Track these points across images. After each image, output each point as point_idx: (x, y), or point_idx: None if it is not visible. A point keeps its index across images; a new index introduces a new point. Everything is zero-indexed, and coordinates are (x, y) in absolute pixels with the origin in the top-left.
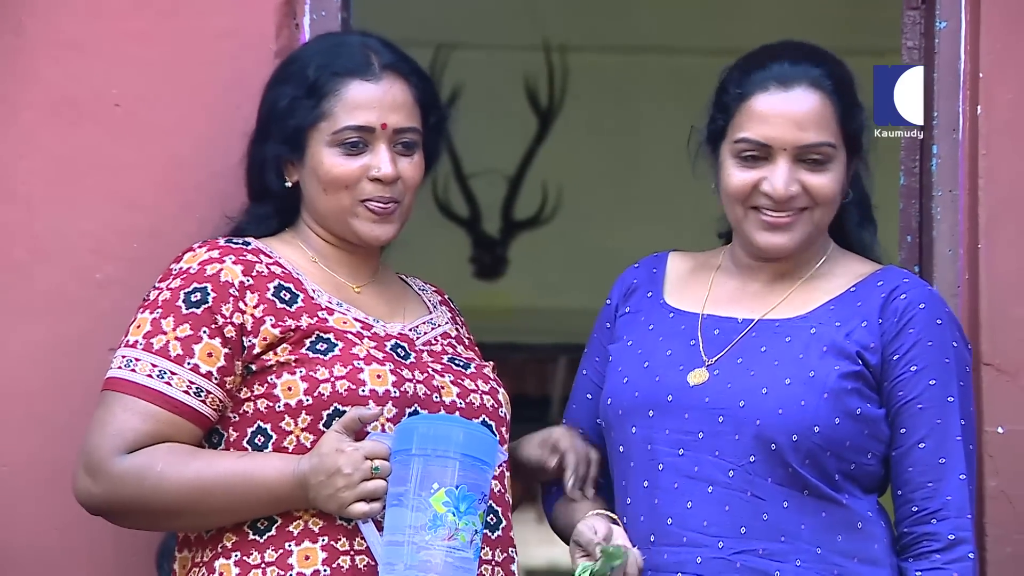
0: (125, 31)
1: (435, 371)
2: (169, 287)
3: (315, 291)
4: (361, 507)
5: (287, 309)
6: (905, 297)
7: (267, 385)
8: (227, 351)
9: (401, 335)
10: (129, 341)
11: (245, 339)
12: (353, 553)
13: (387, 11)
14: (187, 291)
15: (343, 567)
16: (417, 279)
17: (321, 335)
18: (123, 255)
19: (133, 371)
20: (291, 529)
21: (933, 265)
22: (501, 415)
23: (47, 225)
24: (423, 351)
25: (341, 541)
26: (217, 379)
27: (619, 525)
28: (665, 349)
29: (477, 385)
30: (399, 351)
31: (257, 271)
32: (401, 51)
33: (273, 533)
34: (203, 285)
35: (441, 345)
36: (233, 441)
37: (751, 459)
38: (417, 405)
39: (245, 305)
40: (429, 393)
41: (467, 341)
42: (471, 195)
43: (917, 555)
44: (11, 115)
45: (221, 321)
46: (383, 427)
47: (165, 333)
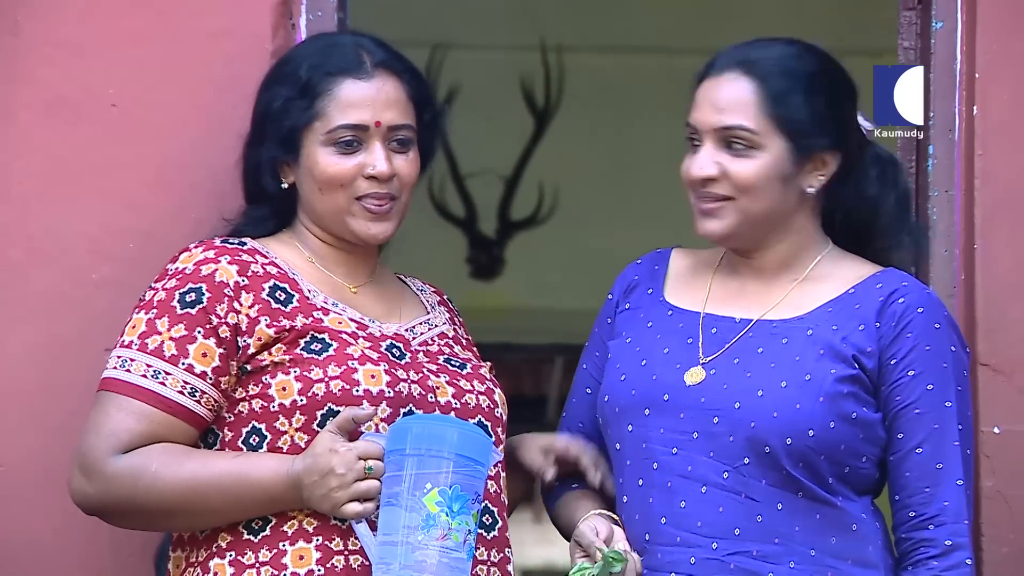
0: (121, 31)
1: (430, 371)
2: (164, 287)
3: (311, 291)
4: (354, 507)
5: (282, 309)
6: (903, 301)
7: (262, 385)
8: (222, 351)
9: (397, 335)
10: (124, 341)
11: (240, 339)
12: (347, 553)
13: (383, 11)
14: (182, 291)
15: (337, 567)
16: (416, 279)
17: (316, 335)
18: (119, 255)
19: (128, 371)
20: (285, 529)
21: (929, 265)
22: (497, 415)
23: (43, 225)
24: (419, 351)
25: (335, 541)
26: (212, 379)
27: (620, 526)
28: (663, 347)
29: (473, 385)
30: (394, 351)
31: (252, 271)
32: (394, 49)
33: (267, 533)
34: (198, 285)
35: (438, 345)
36: (228, 441)
37: (745, 461)
38: (412, 405)
39: (240, 305)
40: (424, 393)
41: (465, 341)
42: (467, 195)
43: (915, 562)
44: (7, 115)
45: (216, 321)
46: (378, 427)
47: (160, 333)
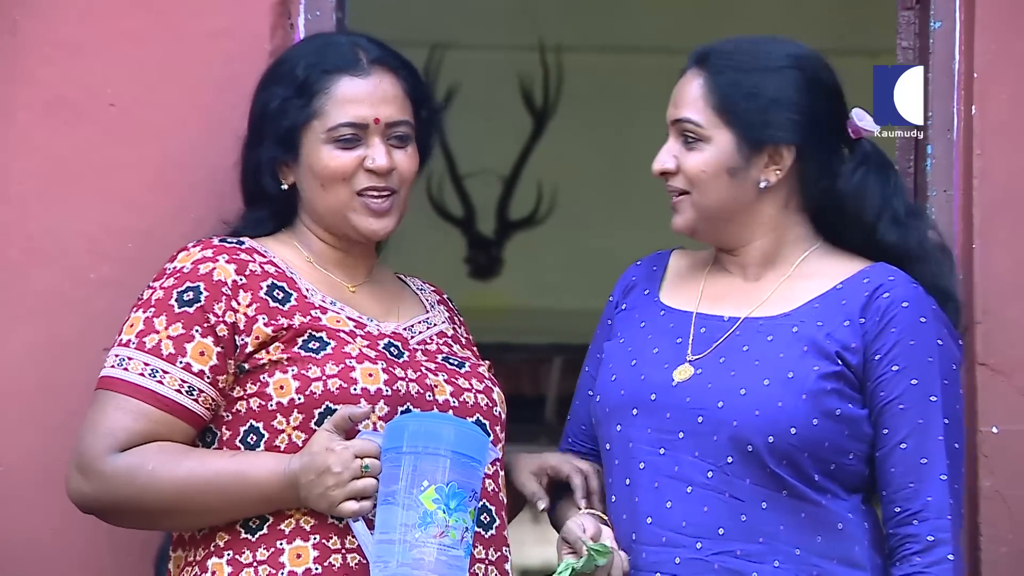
0: (120, 31)
1: (428, 370)
2: (163, 286)
3: (309, 290)
4: (351, 506)
5: (280, 308)
6: (888, 296)
7: (259, 384)
8: (219, 350)
9: (395, 334)
10: (122, 340)
11: (237, 338)
12: (345, 551)
13: (382, 11)
14: (180, 290)
15: (334, 565)
16: (416, 279)
17: (314, 334)
18: (118, 255)
19: (126, 370)
20: (283, 528)
21: None
22: (496, 414)
23: (42, 225)
24: (417, 350)
25: (333, 540)
26: (209, 378)
27: (608, 526)
28: (653, 347)
29: (471, 384)
30: (392, 350)
31: (250, 270)
32: (389, 47)
33: (265, 532)
34: (196, 284)
35: (436, 344)
36: (226, 440)
37: (729, 460)
38: (410, 404)
39: (238, 304)
40: (422, 392)
41: (464, 340)
42: (466, 195)
43: (900, 558)
44: (6, 115)
45: (213, 320)
46: (375, 425)
47: (158, 332)
